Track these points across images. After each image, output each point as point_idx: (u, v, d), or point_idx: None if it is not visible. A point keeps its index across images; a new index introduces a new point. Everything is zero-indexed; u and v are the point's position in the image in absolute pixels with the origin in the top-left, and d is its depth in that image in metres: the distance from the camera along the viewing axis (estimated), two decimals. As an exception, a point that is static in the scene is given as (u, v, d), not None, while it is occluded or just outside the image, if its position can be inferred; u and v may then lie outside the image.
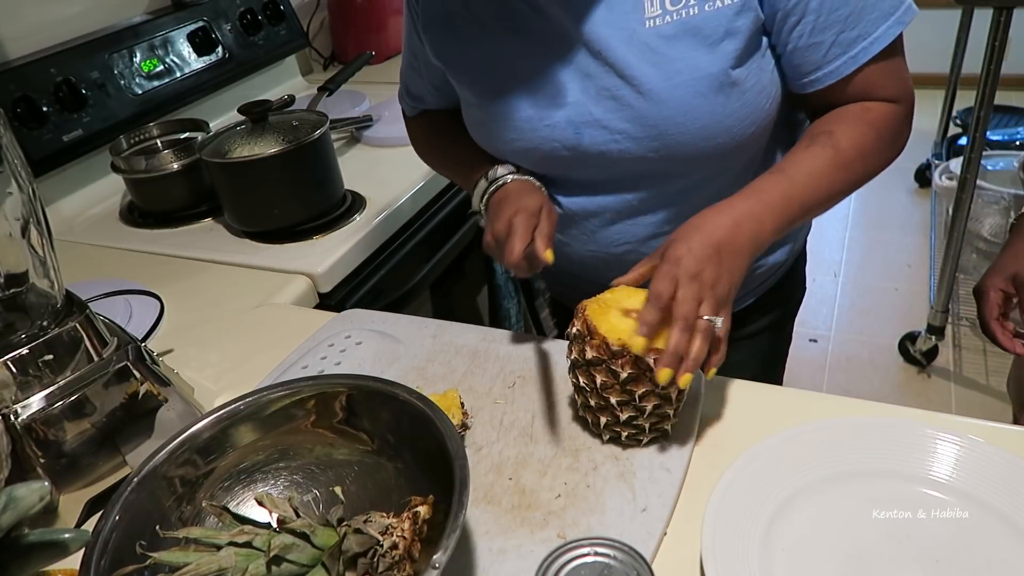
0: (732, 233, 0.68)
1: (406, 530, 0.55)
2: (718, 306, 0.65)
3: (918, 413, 0.72)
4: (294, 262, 1.17)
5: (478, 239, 1.50)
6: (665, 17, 0.72)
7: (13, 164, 0.66)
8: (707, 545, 0.58)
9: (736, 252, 0.67)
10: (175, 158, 1.32)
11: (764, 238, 0.70)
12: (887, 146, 0.78)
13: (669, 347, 0.62)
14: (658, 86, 0.73)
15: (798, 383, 0.77)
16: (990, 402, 2.13)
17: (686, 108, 0.74)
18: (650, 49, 0.73)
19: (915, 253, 2.81)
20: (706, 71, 0.72)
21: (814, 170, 0.74)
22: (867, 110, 0.77)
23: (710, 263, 0.65)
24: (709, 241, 0.66)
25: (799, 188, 0.73)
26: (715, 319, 0.64)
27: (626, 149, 0.78)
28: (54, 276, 0.72)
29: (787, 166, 0.75)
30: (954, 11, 2.77)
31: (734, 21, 0.71)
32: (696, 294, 0.64)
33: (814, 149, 0.75)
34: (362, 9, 2.01)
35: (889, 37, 0.71)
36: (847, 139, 0.75)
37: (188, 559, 0.53)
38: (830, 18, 0.71)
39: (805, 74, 0.75)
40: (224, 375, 0.92)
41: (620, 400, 0.66)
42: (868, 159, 0.77)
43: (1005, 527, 0.59)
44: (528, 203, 0.79)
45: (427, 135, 1.03)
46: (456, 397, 0.73)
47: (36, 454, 0.69)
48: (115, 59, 1.43)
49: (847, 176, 0.76)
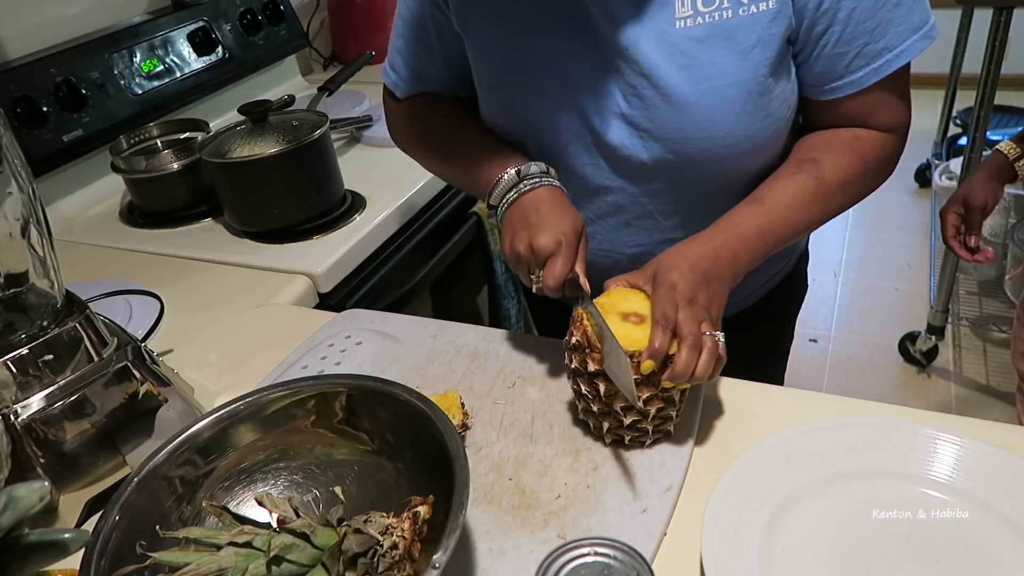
0: (713, 263, 0.70)
1: (406, 530, 0.55)
2: (714, 327, 0.68)
3: (918, 413, 0.72)
4: (294, 262, 1.17)
5: (478, 239, 1.50)
6: (696, 19, 0.70)
7: (13, 164, 0.66)
8: (707, 545, 0.58)
9: (719, 280, 0.70)
10: (175, 158, 1.32)
11: (740, 270, 0.73)
12: (872, 177, 0.79)
13: (679, 365, 0.64)
14: (685, 91, 0.72)
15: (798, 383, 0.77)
16: (990, 402, 2.13)
17: (712, 116, 0.73)
18: (680, 51, 0.71)
19: (915, 253, 2.81)
20: (735, 79, 0.71)
21: (793, 202, 0.74)
22: (858, 139, 0.76)
23: (702, 289, 0.68)
24: (697, 269, 0.69)
25: (776, 221, 0.74)
26: (718, 333, 0.67)
27: (647, 148, 0.77)
28: (54, 276, 0.72)
29: (767, 195, 0.75)
30: (954, 11, 2.77)
31: (768, 29, 0.70)
32: (696, 315, 0.66)
33: (798, 178, 0.75)
34: (362, 9, 2.01)
35: (914, 52, 0.71)
36: (832, 170, 0.75)
37: (188, 559, 0.53)
38: (857, 29, 0.70)
39: (826, 83, 0.74)
40: (224, 375, 0.92)
41: (624, 406, 0.67)
42: (849, 190, 0.77)
43: (1005, 527, 0.59)
44: (574, 223, 0.75)
45: (420, 120, 0.93)
46: (456, 397, 0.73)
47: (36, 454, 0.69)
48: (115, 59, 1.43)
49: (825, 207, 0.77)
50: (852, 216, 3.06)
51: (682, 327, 0.65)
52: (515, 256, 0.75)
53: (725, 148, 0.75)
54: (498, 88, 0.82)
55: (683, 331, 0.65)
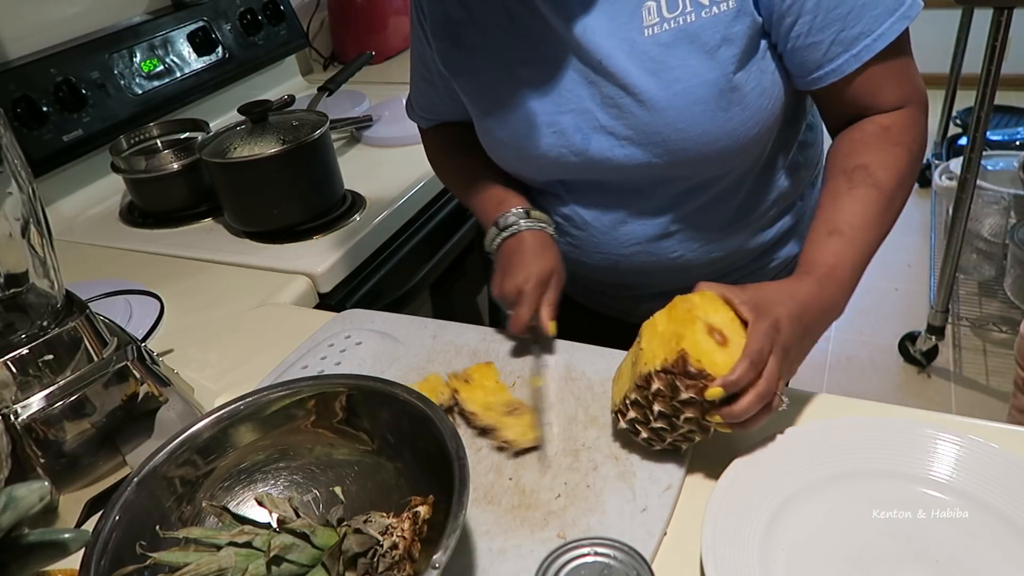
0: (819, 317, 0.68)
1: (406, 530, 0.55)
2: (785, 386, 0.65)
3: (918, 413, 0.72)
4: (294, 262, 1.17)
5: (478, 239, 1.50)
6: (663, 25, 0.72)
7: (13, 164, 0.66)
8: (707, 545, 0.58)
9: (812, 338, 0.69)
10: (175, 158, 1.32)
11: (831, 320, 0.71)
12: (918, 160, 0.77)
13: (738, 408, 0.60)
14: (657, 95, 0.73)
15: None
16: (990, 402, 2.12)
17: (687, 115, 0.74)
18: (649, 58, 0.73)
19: (915, 253, 2.81)
20: (704, 78, 0.72)
21: (866, 223, 0.73)
22: (886, 128, 0.75)
23: (798, 343, 0.65)
24: (803, 320, 0.66)
25: (860, 250, 0.72)
26: (786, 400, 0.64)
27: (631, 155, 0.78)
28: (54, 276, 0.72)
29: (840, 222, 0.72)
30: (954, 11, 2.77)
31: (731, 27, 0.71)
32: (782, 370, 0.63)
33: (857, 193, 0.73)
34: (362, 9, 2.01)
35: (893, 34, 0.70)
36: (884, 171, 0.73)
37: (188, 559, 0.53)
38: (828, 17, 0.70)
39: (808, 72, 0.74)
40: (224, 375, 0.92)
41: (662, 410, 0.63)
42: (906, 184, 0.76)
43: (1005, 527, 0.59)
44: (540, 268, 0.80)
45: (442, 151, 1.02)
46: (439, 380, 0.76)
47: (36, 454, 0.69)
48: (115, 59, 1.43)
49: (894, 214, 0.76)
50: (852, 216, 3.05)
51: (766, 374, 0.61)
52: (500, 298, 0.84)
53: (706, 146, 0.75)
54: (486, 120, 0.86)
55: (762, 378, 0.60)
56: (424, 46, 0.89)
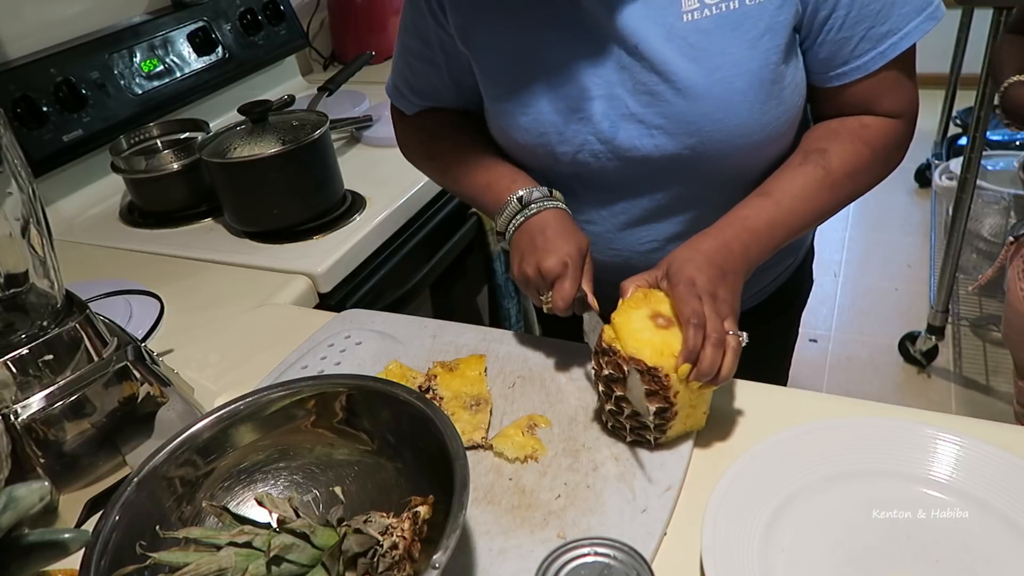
0: (727, 256, 0.70)
1: (406, 530, 0.55)
2: (735, 324, 0.67)
3: (918, 413, 0.72)
4: (294, 262, 1.17)
5: (478, 239, 1.50)
6: (703, 11, 0.70)
7: (13, 164, 0.66)
8: (707, 545, 0.58)
9: (734, 273, 0.70)
10: (175, 158, 1.32)
11: (751, 263, 0.73)
12: (880, 165, 0.78)
13: (704, 364, 0.63)
14: (697, 82, 0.72)
15: (798, 383, 0.78)
16: (990, 402, 2.12)
17: (724, 105, 0.72)
18: (689, 44, 0.71)
19: (915, 253, 2.81)
20: (745, 67, 0.71)
21: (801, 192, 0.74)
22: (865, 127, 0.76)
23: (721, 283, 0.68)
24: (713, 263, 0.68)
25: (784, 212, 0.74)
26: (742, 333, 0.66)
27: (661, 145, 0.76)
28: (54, 276, 0.72)
29: (774, 188, 0.75)
30: (954, 11, 2.76)
31: (776, 16, 0.70)
32: (720, 311, 0.66)
33: (805, 168, 0.75)
34: (362, 9, 2.01)
35: (919, 33, 0.71)
36: (839, 159, 0.75)
37: (188, 559, 0.53)
38: (861, 12, 0.70)
39: (832, 68, 0.74)
40: (224, 375, 0.92)
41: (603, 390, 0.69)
42: (858, 179, 0.77)
43: (1005, 527, 0.59)
44: (579, 243, 0.77)
45: (433, 134, 0.94)
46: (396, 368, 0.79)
47: (36, 454, 0.69)
48: (115, 59, 1.43)
49: (834, 196, 0.76)
50: (852, 216, 3.06)
51: (707, 324, 0.64)
52: (524, 279, 0.78)
53: (739, 139, 0.74)
54: (505, 103, 0.82)
55: (708, 328, 0.64)
56: (427, 21, 0.84)
